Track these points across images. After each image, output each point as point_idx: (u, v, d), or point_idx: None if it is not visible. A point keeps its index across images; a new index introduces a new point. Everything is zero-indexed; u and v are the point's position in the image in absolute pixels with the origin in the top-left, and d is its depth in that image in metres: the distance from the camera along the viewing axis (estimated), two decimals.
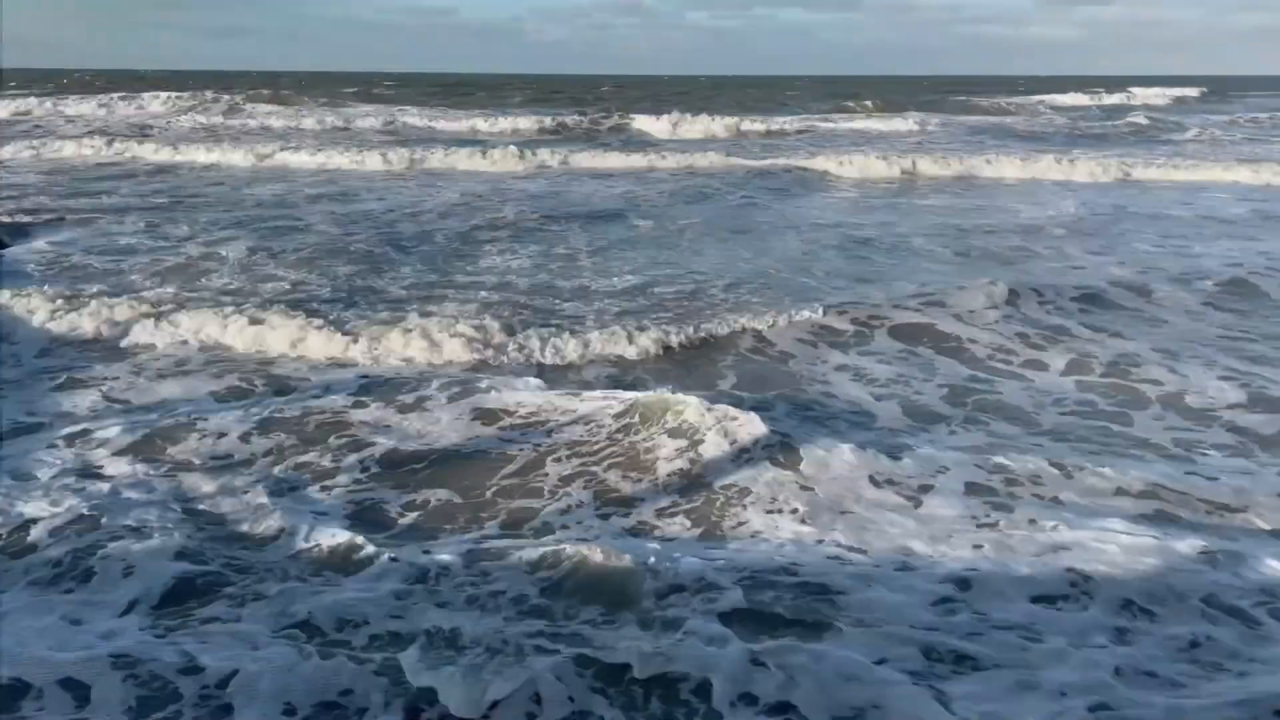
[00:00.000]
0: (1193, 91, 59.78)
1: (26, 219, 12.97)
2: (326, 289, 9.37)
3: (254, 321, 7.71)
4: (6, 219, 12.81)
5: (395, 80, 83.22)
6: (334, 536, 4.31)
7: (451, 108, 39.90)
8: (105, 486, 4.83)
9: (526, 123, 32.33)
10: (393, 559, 4.08)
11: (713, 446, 5.31)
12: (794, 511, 4.67)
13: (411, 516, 4.74)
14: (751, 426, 5.47)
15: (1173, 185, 18.48)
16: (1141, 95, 55.29)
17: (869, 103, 43.44)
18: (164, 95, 40.62)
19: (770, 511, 4.69)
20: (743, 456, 5.25)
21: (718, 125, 31.53)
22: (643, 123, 32.59)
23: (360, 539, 4.28)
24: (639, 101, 45.03)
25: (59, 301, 8.25)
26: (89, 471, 5.05)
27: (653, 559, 4.01)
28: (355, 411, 6.01)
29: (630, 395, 6.13)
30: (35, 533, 4.32)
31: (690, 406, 5.73)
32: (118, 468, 5.11)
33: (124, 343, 7.57)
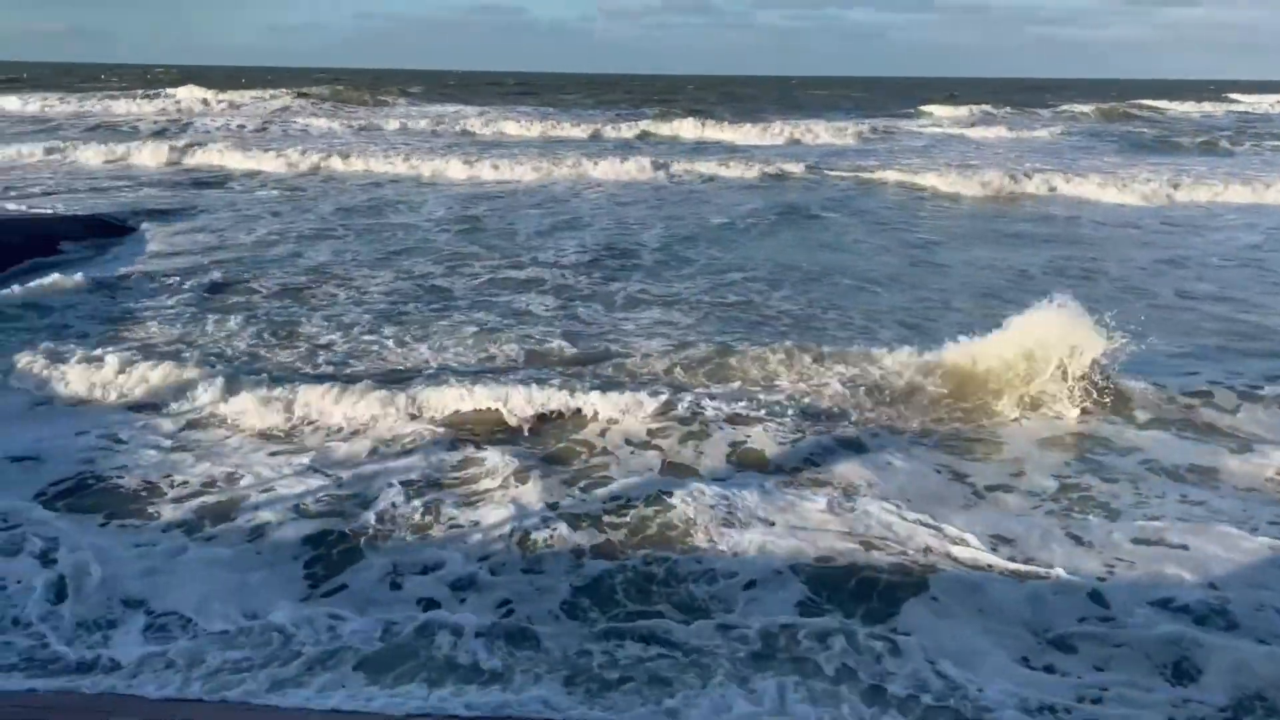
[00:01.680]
0: None
1: None
2: None
3: None
4: None
5: (458, 79, 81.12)
6: None
7: (517, 107, 37.33)
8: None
9: (594, 126, 29.46)
10: None
11: None
12: None
13: None
14: None
15: None
16: (1249, 102, 49.89)
17: (995, 108, 39.39)
18: (205, 94, 38.61)
19: None
20: None
21: (823, 130, 28.19)
22: (731, 130, 28.98)
23: None
24: (712, 102, 41.86)
25: None
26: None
27: None
28: None
29: None
30: None
31: None
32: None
33: None
